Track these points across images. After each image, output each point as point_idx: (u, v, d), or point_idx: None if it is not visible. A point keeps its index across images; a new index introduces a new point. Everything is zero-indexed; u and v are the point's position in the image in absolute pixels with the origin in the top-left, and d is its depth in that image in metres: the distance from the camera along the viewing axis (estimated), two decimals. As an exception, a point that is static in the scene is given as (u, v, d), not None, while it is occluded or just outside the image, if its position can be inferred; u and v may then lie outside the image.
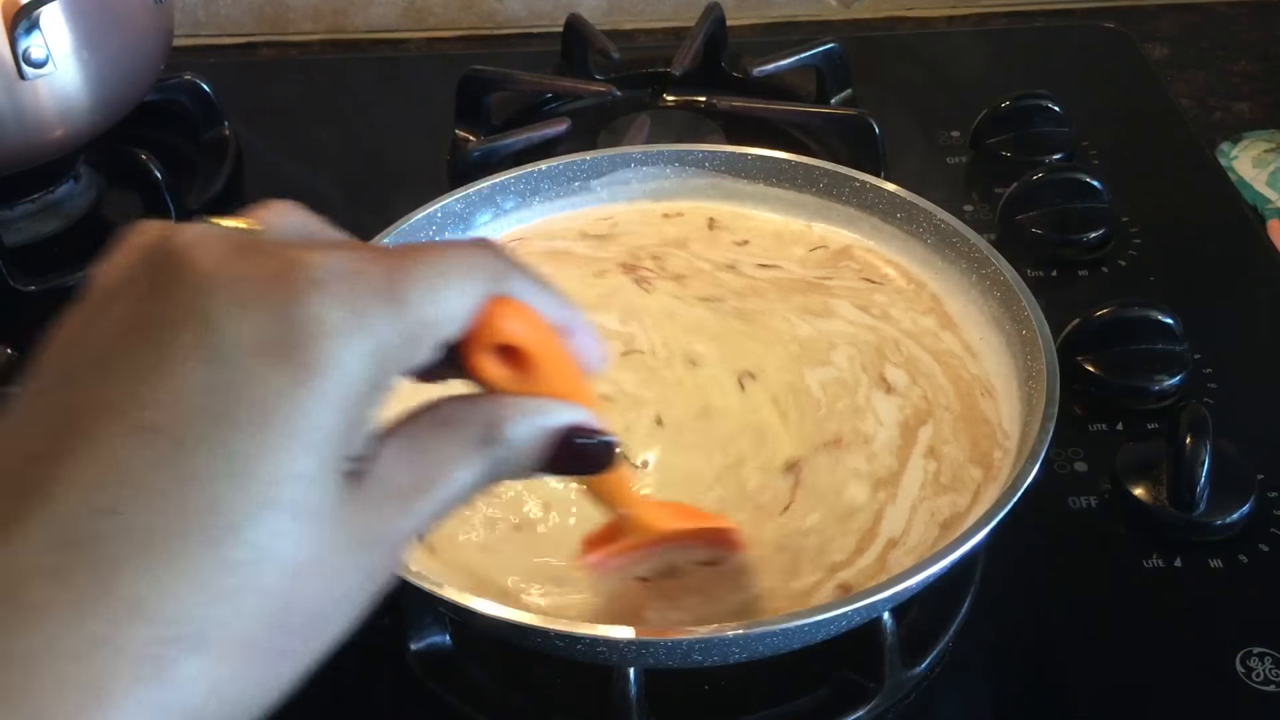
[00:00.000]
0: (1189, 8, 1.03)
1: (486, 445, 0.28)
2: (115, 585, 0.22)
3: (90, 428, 0.23)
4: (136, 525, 0.23)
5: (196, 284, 0.25)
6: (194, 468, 0.23)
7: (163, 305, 0.25)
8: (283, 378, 0.24)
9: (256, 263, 0.25)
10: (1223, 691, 0.51)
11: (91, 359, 0.25)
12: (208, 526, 0.23)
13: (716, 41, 0.90)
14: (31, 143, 0.73)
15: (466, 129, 0.85)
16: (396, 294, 0.26)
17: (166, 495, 0.23)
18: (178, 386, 0.24)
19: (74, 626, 0.22)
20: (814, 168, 0.65)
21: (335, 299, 0.25)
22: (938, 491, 0.50)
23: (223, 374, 0.24)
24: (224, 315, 0.24)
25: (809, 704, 0.51)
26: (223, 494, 0.23)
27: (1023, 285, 0.56)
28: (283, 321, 0.24)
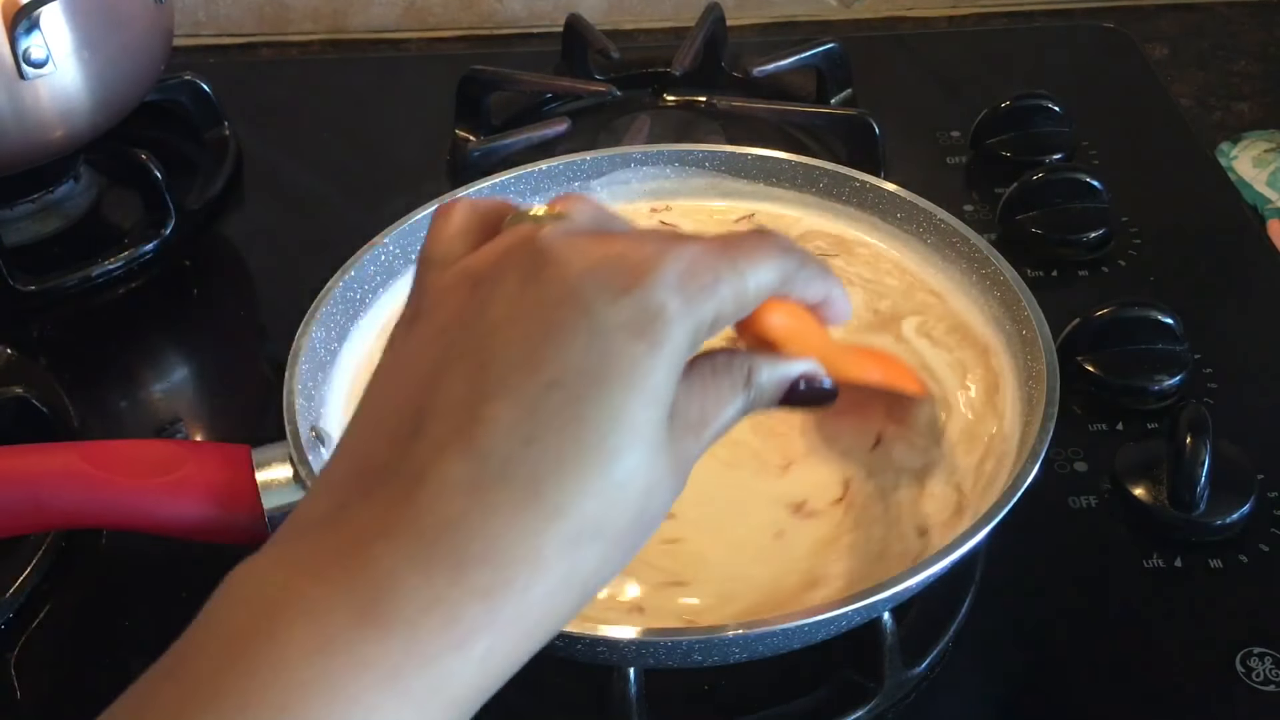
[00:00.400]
0: (1189, 8, 1.03)
1: (745, 388, 0.37)
2: (542, 493, 0.31)
3: (508, 381, 0.31)
4: (550, 452, 0.31)
5: (572, 275, 0.32)
6: (585, 413, 0.31)
7: (544, 290, 0.32)
8: (640, 349, 0.32)
9: (616, 257, 0.33)
10: (1223, 691, 0.51)
11: (488, 328, 0.32)
12: (599, 454, 0.31)
13: (716, 41, 0.90)
14: (31, 143, 0.73)
15: (466, 129, 0.85)
16: (717, 286, 0.34)
17: (567, 431, 0.31)
18: (569, 353, 0.31)
19: (518, 518, 0.30)
20: (814, 168, 0.65)
21: (675, 291, 0.33)
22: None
23: (600, 345, 0.32)
24: (596, 300, 0.32)
25: (809, 704, 0.51)
26: (607, 432, 0.31)
27: (1023, 285, 0.56)
28: (640, 306, 0.32)
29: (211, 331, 0.75)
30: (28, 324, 0.74)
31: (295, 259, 0.77)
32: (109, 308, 0.75)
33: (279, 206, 0.85)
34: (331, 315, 0.58)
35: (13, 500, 0.51)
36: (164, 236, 0.77)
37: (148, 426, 0.68)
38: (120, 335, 0.74)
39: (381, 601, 0.29)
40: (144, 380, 0.71)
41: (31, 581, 0.56)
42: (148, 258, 0.77)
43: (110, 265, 0.76)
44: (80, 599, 0.58)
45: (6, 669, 0.55)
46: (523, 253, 0.34)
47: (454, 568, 0.30)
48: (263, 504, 0.51)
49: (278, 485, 0.51)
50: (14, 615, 0.56)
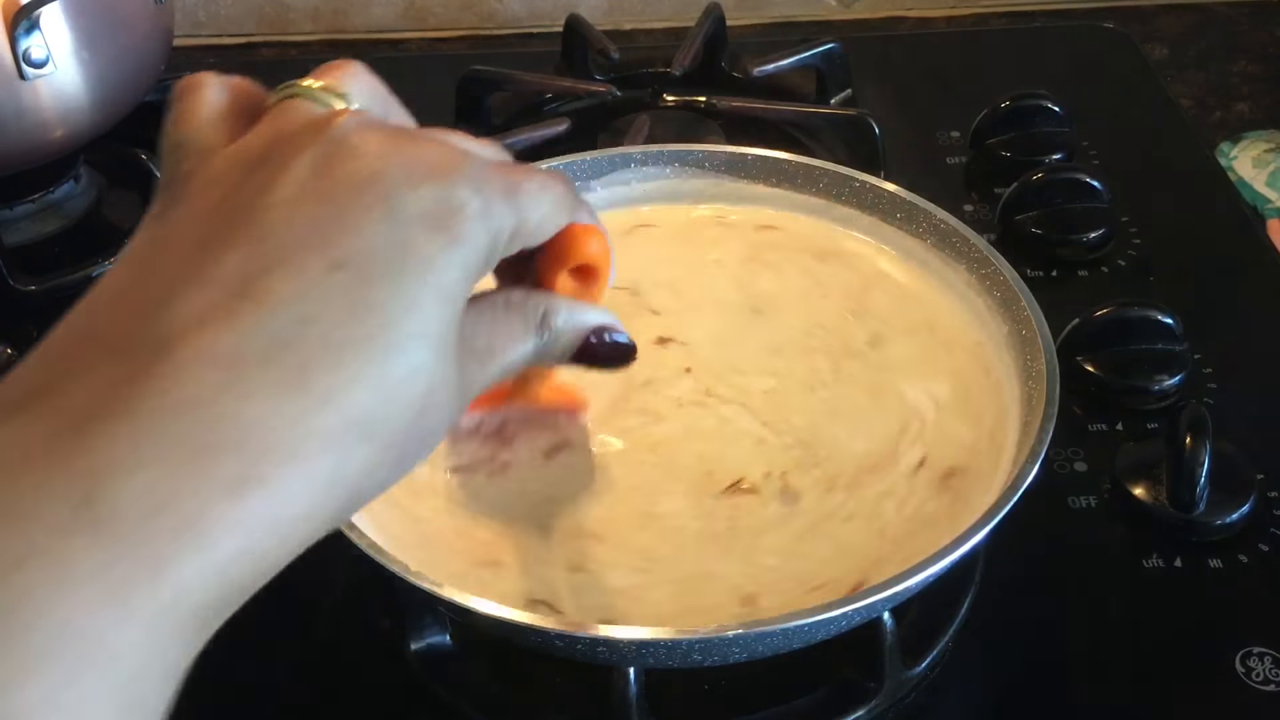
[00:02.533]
0: (1189, 8, 1.03)
1: (538, 329, 0.36)
2: (311, 378, 0.28)
3: (289, 257, 0.29)
4: (328, 335, 0.28)
5: (373, 162, 0.31)
6: (372, 298, 0.29)
7: (341, 173, 0.30)
8: (439, 241, 0.30)
9: (419, 150, 0.32)
10: (1223, 691, 0.51)
11: (270, 205, 0.30)
12: (381, 344, 0.29)
13: (716, 41, 0.90)
14: (31, 143, 0.73)
15: (467, 129, 0.84)
16: (515, 198, 0.33)
17: (351, 315, 0.29)
18: (361, 236, 0.29)
19: (281, 404, 0.27)
20: (814, 168, 0.65)
21: (477, 192, 0.32)
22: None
23: (397, 232, 0.30)
24: (398, 188, 0.30)
25: (809, 704, 0.51)
26: (393, 321, 0.29)
27: (1023, 285, 0.56)
28: (441, 200, 0.31)
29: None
30: (28, 324, 0.74)
31: (295, 259, 0.77)
32: (109, 308, 0.75)
33: (279, 206, 0.84)
34: (331, 315, 0.58)
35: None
36: (164, 236, 0.77)
37: (148, 426, 0.68)
38: (120, 335, 0.73)
39: (98, 499, 0.24)
40: (144, 380, 0.71)
41: (31, 581, 0.56)
42: (148, 258, 0.77)
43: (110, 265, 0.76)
44: (80, 599, 0.58)
45: (6, 669, 0.54)
46: (314, 137, 0.31)
47: (196, 456, 0.26)
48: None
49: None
50: (14, 615, 0.56)
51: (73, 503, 0.24)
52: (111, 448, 0.25)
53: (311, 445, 0.27)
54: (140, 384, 0.26)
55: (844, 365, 0.56)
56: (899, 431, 0.53)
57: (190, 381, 0.26)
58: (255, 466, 0.26)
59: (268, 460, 0.27)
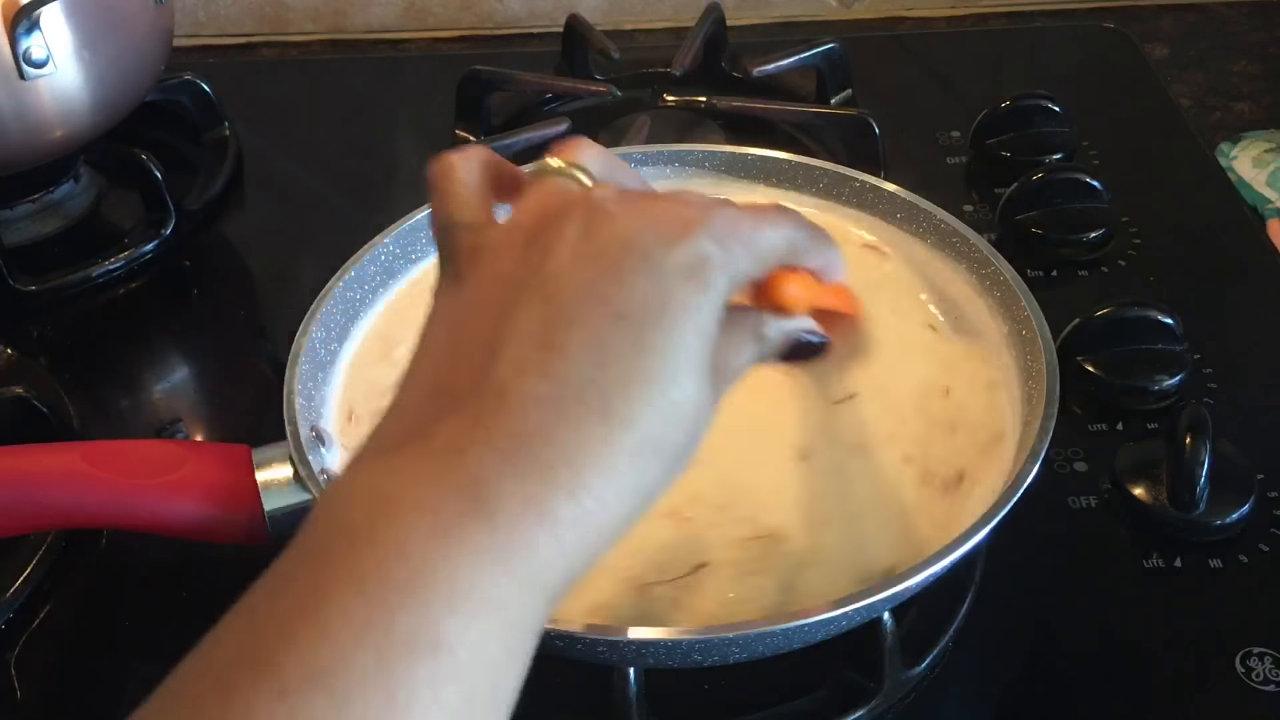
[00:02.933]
0: (1189, 8, 1.03)
1: (757, 340, 0.41)
2: (613, 408, 0.34)
3: (578, 314, 0.35)
4: (621, 373, 0.34)
5: (630, 226, 0.36)
6: (649, 342, 0.35)
7: (606, 239, 0.36)
8: (692, 288, 0.36)
9: (665, 211, 0.37)
10: (1223, 691, 0.51)
11: (553, 273, 0.36)
12: (661, 378, 0.35)
13: (716, 41, 0.90)
14: (31, 143, 0.73)
15: (466, 129, 0.85)
16: (752, 246, 0.38)
17: (635, 356, 0.35)
18: (632, 290, 0.35)
19: (594, 430, 0.34)
20: (814, 168, 0.65)
21: (717, 243, 0.37)
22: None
23: (660, 285, 0.35)
24: (655, 247, 0.36)
25: (809, 704, 0.51)
26: (668, 359, 0.35)
27: (1023, 285, 0.56)
28: (691, 254, 0.36)
29: (211, 331, 0.75)
30: (28, 324, 0.74)
31: (295, 259, 0.77)
32: (109, 308, 0.75)
33: (279, 206, 0.85)
34: (331, 315, 0.58)
35: (13, 500, 0.51)
36: (164, 236, 0.77)
37: (148, 426, 0.68)
38: (120, 335, 0.74)
39: (485, 499, 0.32)
40: (144, 380, 0.71)
41: (31, 581, 0.56)
42: (148, 258, 0.77)
43: (110, 265, 0.76)
44: (80, 599, 0.58)
45: (6, 669, 0.55)
46: (577, 211, 0.37)
47: (542, 470, 0.33)
48: (263, 504, 0.51)
49: (278, 485, 0.51)
50: (14, 615, 0.56)
51: (466, 501, 0.32)
52: (483, 466, 0.33)
53: (620, 460, 0.34)
54: (492, 421, 0.34)
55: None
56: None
57: (526, 418, 0.33)
58: (581, 477, 0.33)
59: (590, 474, 0.33)
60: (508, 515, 0.32)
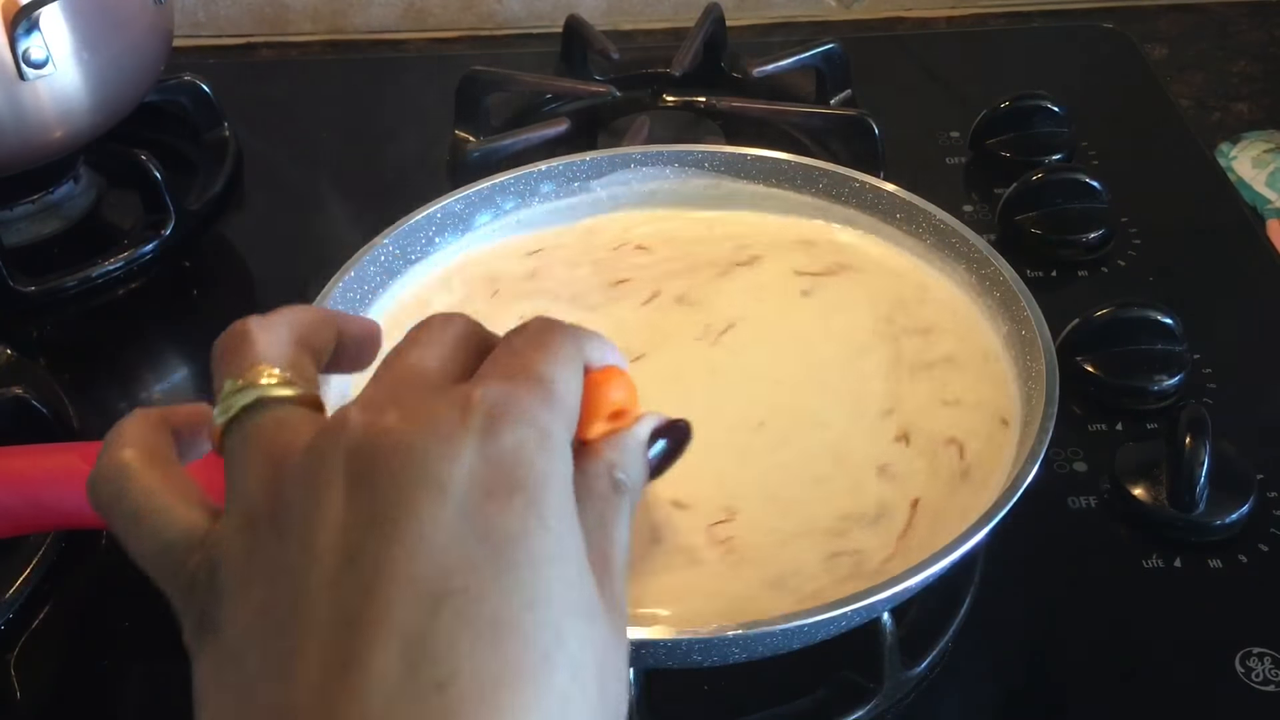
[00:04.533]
0: (1189, 8, 1.03)
1: (619, 491, 0.31)
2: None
3: (383, 619, 0.24)
4: (471, 686, 0.24)
5: (406, 458, 0.26)
6: (495, 613, 0.24)
7: (384, 489, 0.25)
8: (520, 505, 0.26)
9: (436, 416, 0.26)
10: (1223, 691, 0.51)
11: (332, 564, 0.25)
12: (530, 660, 0.24)
13: (716, 42, 0.90)
14: (31, 143, 0.73)
15: (466, 129, 0.85)
16: (552, 398, 0.28)
17: (483, 648, 0.24)
18: (442, 550, 0.25)
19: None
20: (814, 168, 0.65)
21: (521, 421, 0.27)
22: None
23: (472, 523, 0.25)
24: (445, 473, 0.25)
25: (809, 704, 0.51)
26: (526, 626, 0.25)
27: (1022, 285, 0.56)
28: (493, 458, 0.26)
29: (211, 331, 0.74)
30: (28, 324, 0.74)
31: (295, 259, 0.77)
32: (109, 308, 0.75)
33: (279, 206, 0.85)
34: (331, 315, 0.58)
35: (13, 500, 0.51)
36: (164, 237, 0.77)
37: (148, 427, 0.68)
38: (120, 335, 0.73)
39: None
40: (144, 380, 0.71)
41: (31, 581, 0.56)
42: (148, 258, 0.77)
43: (110, 265, 0.76)
44: (80, 599, 0.58)
45: (6, 669, 0.55)
46: (322, 459, 0.27)
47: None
48: (263, 504, 0.51)
49: (278, 485, 0.51)
50: (14, 615, 0.56)
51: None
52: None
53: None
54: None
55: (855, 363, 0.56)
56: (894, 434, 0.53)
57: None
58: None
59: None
60: None
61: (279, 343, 0.31)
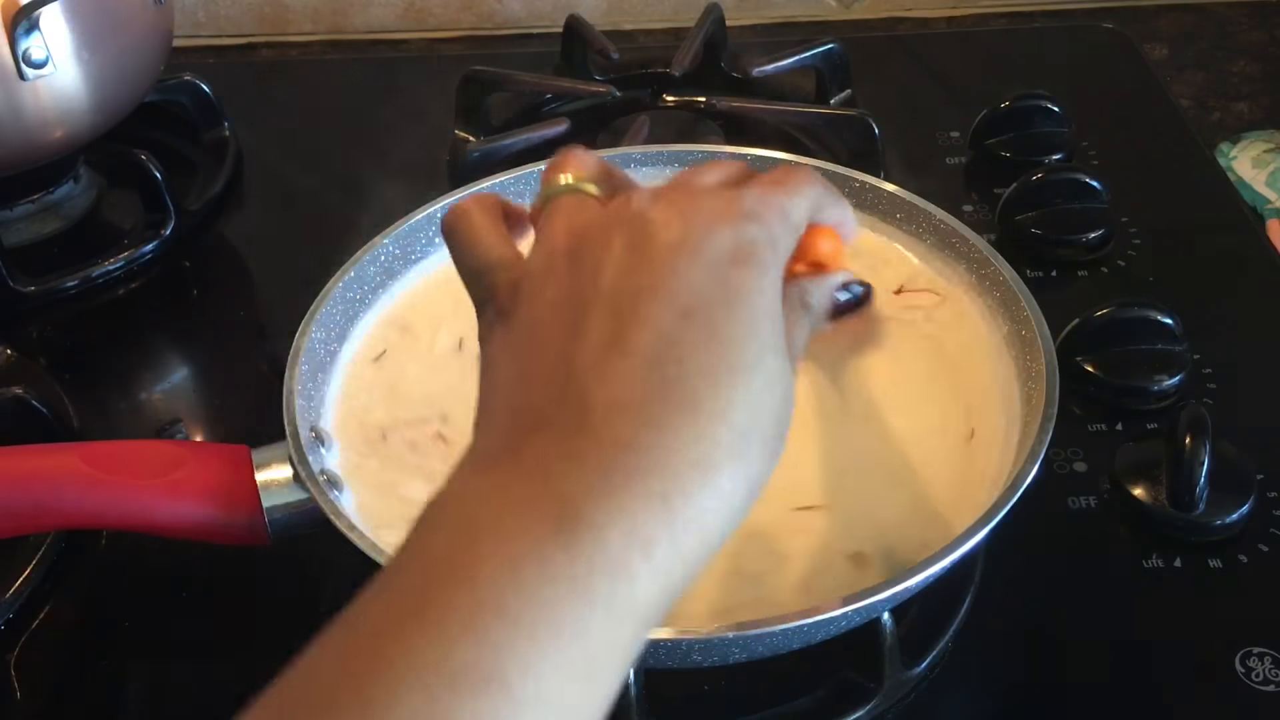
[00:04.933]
0: (1188, 8, 1.03)
1: (805, 310, 0.41)
2: (700, 404, 0.33)
3: (645, 318, 0.34)
4: (700, 369, 0.34)
5: (672, 227, 0.36)
6: (721, 329, 0.35)
7: (654, 244, 0.36)
8: (748, 273, 0.36)
9: (699, 205, 0.37)
10: (1223, 691, 0.51)
11: (609, 285, 0.35)
12: (741, 365, 0.34)
13: (716, 42, 0.90)
14: (31, 143, 0.73)
15: (466, 129, 0.85)
16: (787, 217, 0.39)
17: (711, 350, 0.34)
18: (692, 285, 0.35)
19: (685, 428, 0.33)
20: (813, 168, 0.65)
21: (759, 223, 0.37)
22: None
23: (716, 275, 0.35)
24: (701, 241, 0.36)
25: (809, 704, 0.51)
26: (745, 344, 0.35)
27: (1022, 285, 0.56)
28: (737, 241, 0.36)
29: (211, 331, 0.75)
30: (28, 324, 0.74)
31: (295, 259, 0.77)
32: (109, 308, 0.75)
33: (279, 206, 0.85)
34: (331, 315, 0.58)
35: (13, 500, 0.51)
36: (164, 237, 0.77)
37: (147, 427, 0.68)
38: (120, 335, 0.74)
39: (567, 515, 0.31)
40: (144, 380, 0.71)
41: (31, 581, 0.56)
42: (148, 258, 0.77)
43: (110, 265, 0.76)
44: (80, 599, 0.58)
45: (6, 669, 0.55)
46: (614, 221, 0.37)
47: (633, 479, 0.32)
48: (262, 504, 0.51)
49: (277, 485, 0.51)
50: (14, 615, 0.56)
51: (549, 522, 0.31)
52: (568, 483, 0.32)
53: (716, 454, 0.33)
54: (579, 434, 0.33)
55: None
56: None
57: (613, 426, 0.33)
58: (675, 481, 0.32)
59: (685, 474, 0.32)
60: (593, 535, 0.31)
61: (590, 165, 0.41)
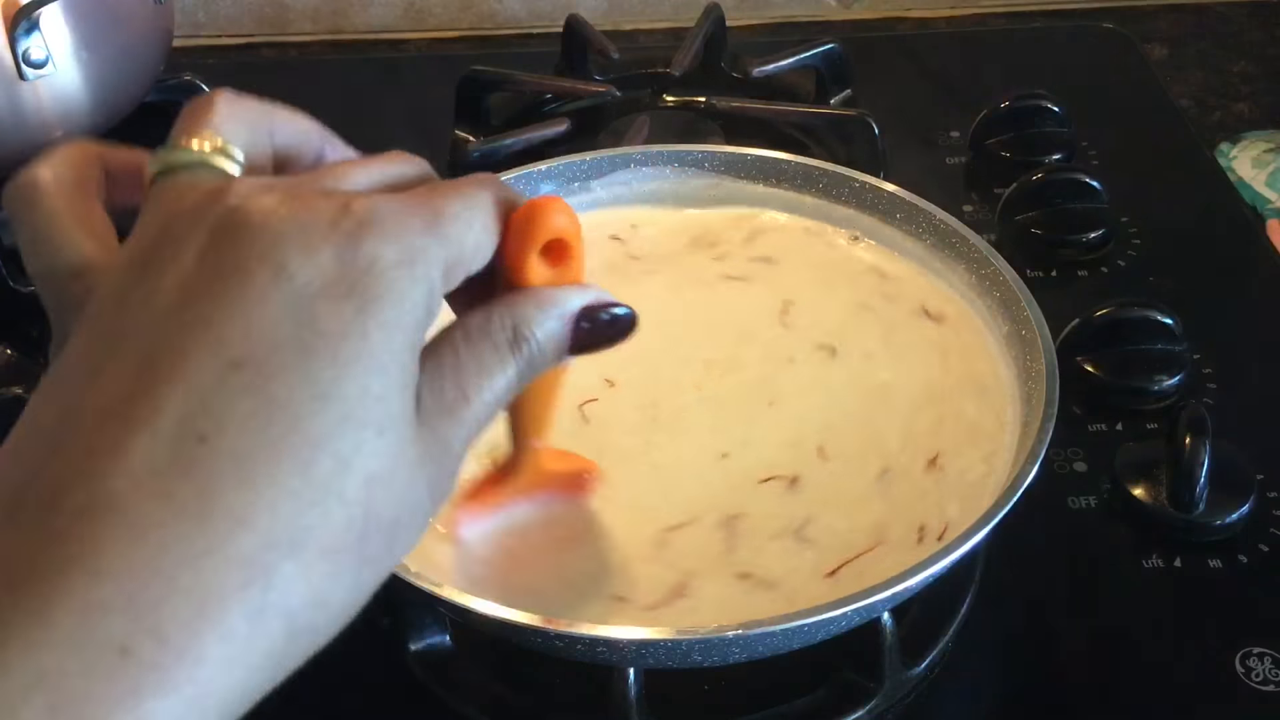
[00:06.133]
0: (1189, 8, 1.03)
1: (514, 346, 0.31)
2: (217, 501, 0.24)
3: (180, 365, 0.25)
4: (231, 448, 0.25)
5: (262, 235, 0.27)
6: (278, 393, 0.25)
7: (231, 255, 0.27)
8: (350, 310, 0.26)
9: (312, 209, 0.27)
10: (1223, 691, 0.51)
11: (164, 307, 0.26)
12: (295, 444, 0.25)
13: (716, 42, 0.90)
14: (31, 143, 0.73)
15: (466, 129, 0.85)
16: (439, 227, 0.29)
17: (256, 419, 0.25)
18: (258, 324, 0.26)
19: (183, 538, 0.24)
20: (814, 168, 0.65)
21: (388, 237, 0.27)
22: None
23: (297, 312, 0.26)
24: (293, 260, 0.26)
25: (809, 704, 0.51)
26: (305, 414, 0.26)
27: (1022, 285, 0.56)
28: (346, 262, 0.27)
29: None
30: (28, 324, 0.74)
31: (295, 259, 0.77)
32: (109, 308, 0.75)
33: (279, 207, 0.84)
34: (331, 315, 0.58)
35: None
36: (164, 237, 0.77)
37: (147, 427, 0.68)
38: (120, 335, 0.73)
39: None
40: (144, 380, 0.71)
41: (31, 582, 0.56)
42: (148, 258, 0.77)
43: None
44: (80, 599, 0.58)
45: (6, 669, 0.55)
46: (199, 218, 0.28)
47: (81, 622, 0.22)
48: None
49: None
50: (14, 615, 0.56)
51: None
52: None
53: (224, 580, 0.24)
54: (23, 553, 0.23)
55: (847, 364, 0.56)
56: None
57: (75, 538, 0.23)
58: (150, 620, 0.23)
59: (166, 610, 0.23)
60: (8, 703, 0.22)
61: (240, 121, 0.31)
